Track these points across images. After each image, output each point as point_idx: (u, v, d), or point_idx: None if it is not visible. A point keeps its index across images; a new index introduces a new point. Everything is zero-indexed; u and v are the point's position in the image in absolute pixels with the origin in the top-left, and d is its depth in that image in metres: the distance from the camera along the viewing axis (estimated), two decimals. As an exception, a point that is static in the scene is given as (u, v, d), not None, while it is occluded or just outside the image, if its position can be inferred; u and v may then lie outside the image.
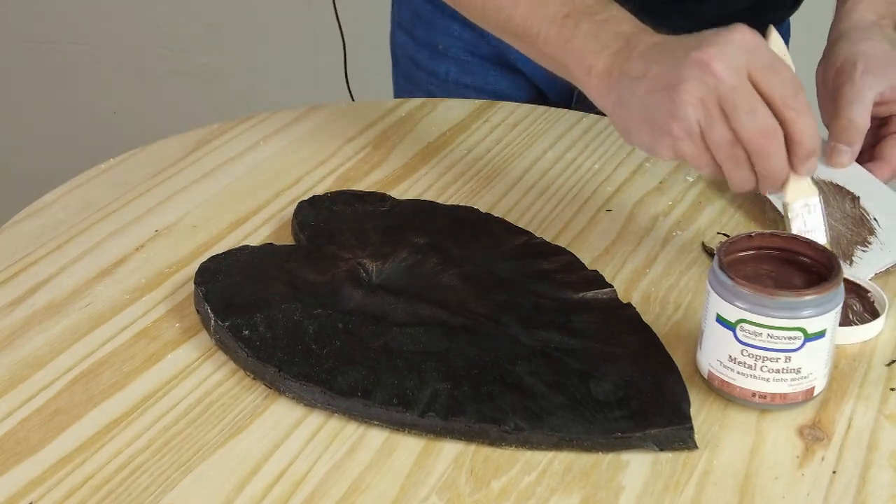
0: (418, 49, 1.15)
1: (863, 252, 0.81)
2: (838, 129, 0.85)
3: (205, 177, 0.94)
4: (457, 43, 1.12)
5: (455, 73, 1.13)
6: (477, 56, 1.12)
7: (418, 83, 1.17)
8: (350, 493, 0.63)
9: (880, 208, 0.84)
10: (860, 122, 0.84)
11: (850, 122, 0.84)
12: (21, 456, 0.65)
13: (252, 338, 0.71)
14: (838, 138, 0.85)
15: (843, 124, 0.85)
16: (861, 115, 0.84)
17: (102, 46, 2.17)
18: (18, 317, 0.77)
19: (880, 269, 0.80)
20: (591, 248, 0.84)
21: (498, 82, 1.12)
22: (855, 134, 0.84)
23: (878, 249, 0.81)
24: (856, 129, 0.84)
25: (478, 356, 0.70)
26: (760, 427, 0.67)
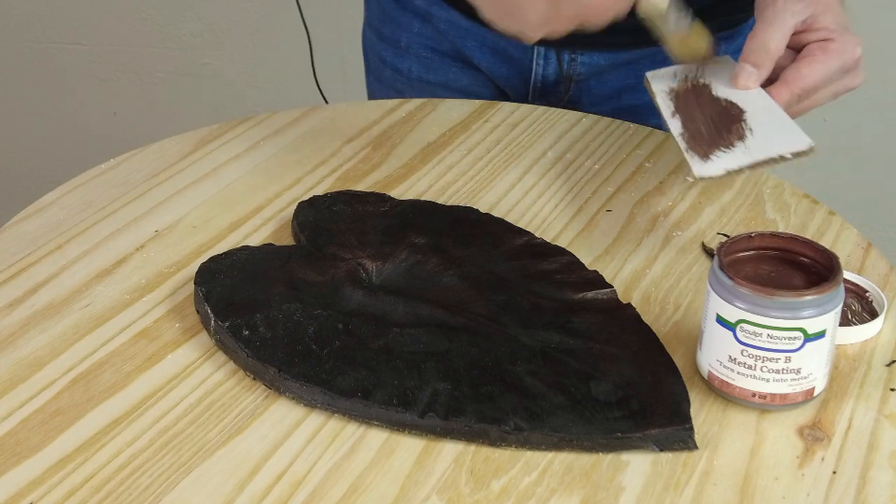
0: (384, 47, 1.15)
1: (722, 152, 0.79)
2: (749, 49, 0.82)
3: (205, 177, 0.94)
4: (417, 39, 1.12)
5: (418, 70, 1.13)
6: (437, 53, 1.11)
7: (385, 80, 1.17)
8: (350, 494, 0.63)
9: (759, 122, 0.81)
10: (772, 46, 0.81)
11: (762, 44, 0.81)
12: (21, 456, 0.65)
13: (252, 338, 0.71)
14: (747, 58, 0.82)
15: (755, 45, 0.82)
16: (775, 39, 0.81)
17: (102, 46, 2.17)
18: (18, 317, 0.77)
19: (731, 167, 0.77)
20: (591, 248, 0.84)
21: (459, 79, 1.12)
22: (764, 56, 0.81)
23: (739, 152, 0.78)
24: (766, 51, 0.81)
25: (478, 356, 0.70)
26: (760, 427, 0.67)
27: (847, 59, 0.81)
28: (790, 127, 0.79)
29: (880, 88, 1.84)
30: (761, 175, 0.93)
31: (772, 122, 0.80)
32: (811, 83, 0.81)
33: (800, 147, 0.77)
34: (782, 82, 0.81)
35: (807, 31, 0.82)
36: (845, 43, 0.81)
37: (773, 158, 0.77)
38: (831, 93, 0.83)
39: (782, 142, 0.78)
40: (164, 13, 2.11)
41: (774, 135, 0.79)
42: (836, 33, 0.81)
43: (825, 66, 0.80)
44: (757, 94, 0.82)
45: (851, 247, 0.84)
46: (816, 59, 0.80)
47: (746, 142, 0.79)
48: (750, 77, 0.82)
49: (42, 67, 2.22)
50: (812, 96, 0.82)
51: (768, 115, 0.80)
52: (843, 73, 0.82)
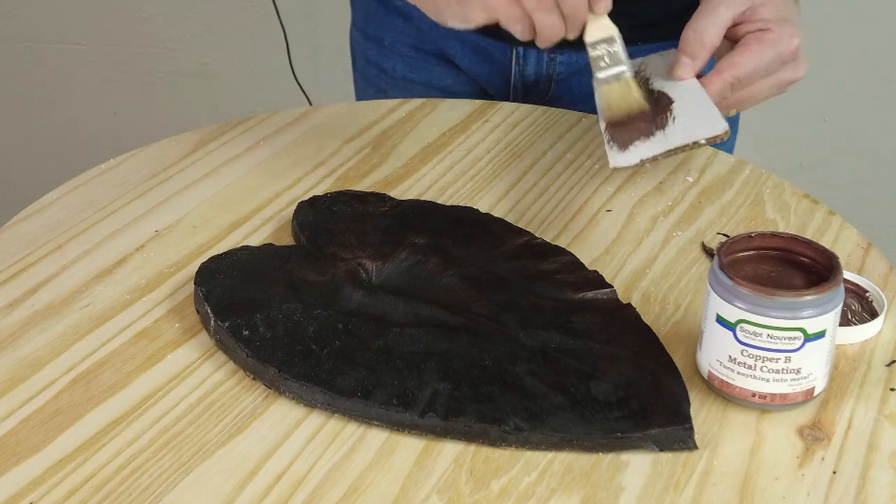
0: (369, 46, 1.15)
1: (641, 142, 0.79)
2: (685, 40, 0.82)
3: (205, 177, 0.94)
4: (401, 38, 1.12)
5: (402, 69, 1.13)
6: (421, 52, 1.11)
7: (371, 80, 1.17)
8: (350, 494, 0.63)
9: (683, 111, 0.81)
10: (706, 38, 0.81)
11: (697, 36, 0.81)
12: (21, 456, 0.65)
13: (252, 338, 0.71)
14: (683, 49, 0.82)
15: (690, 36, 0.82)
16: (710, 30, 0.81)
17: (102, 46, 2.17)
18: (18, 317, 0.77)
19: (647, 156, 0.78)
20: (591, 248, 0.84)
21: (443, 78, 1.12)
22: (699, 48, 0.81)
23: (657, 140, 0.79)
24: (701, 43, 0.81)
25: (478, 356, 0.70)
26: (760, 427, 0.67)
27: (783, 50, 0.80)
28: (710, 113, 0.79)
29: (880, 88, 1.84)
30: (761, 175, 0.93)
31: (693, 110, 0.80)
32: (744, 72, 0.80)
33: (713, 132, 0.77)
34: (715, 71, 0.81)
35: (745, 22, 0.81)
36: (782, 33, 0.80)
37: (688, 145, 0.78)
38: (771, 84, 0.82)
39: (697, 128, 0.78)
40: (164, 13, 2.11)
41: (692, 122, 0.79)
42: (773, 24, 0.80)
43: (759, 55, 0.80)
44: (689, 85, 0.82)
45: (851, 247, 0.84)
46: (750, 48, 0.80)
47: (666, 130, 0.79)
48: (685, 68, 0.82)
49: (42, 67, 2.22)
50: (748, 87, 0.81)
51: (693, 103, 0.81)
52: (781, 64, 0.81)
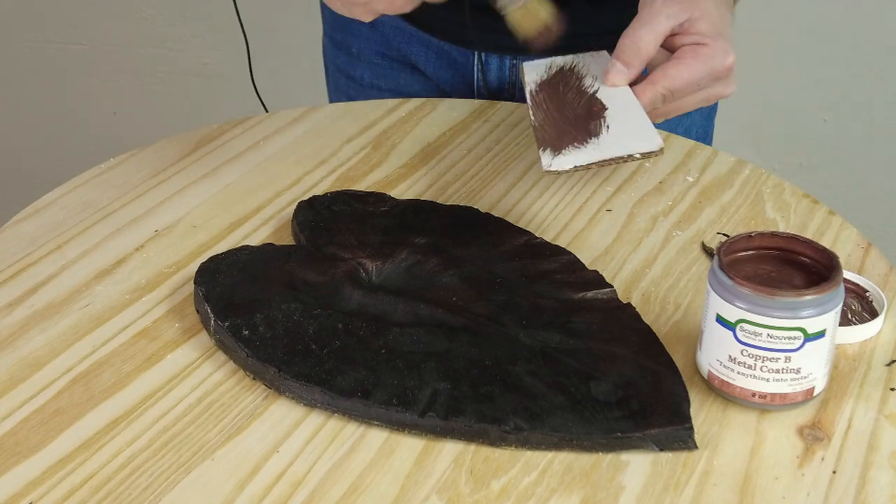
0: (338, 54, 1.16)
1: (574, 148, 0.79)
2: (621, 47, 0.82)
3: (205, 177, 0.94)
4: (368, 45, 1.12)
5: (369, 77, 1.13)
6: (387, 59, 1.12)
7: (341, 88, 1.17)
8: (350, 493, 0.63)
9: (617, 120, 0.81)
10: (643, 46, 0.81)
11: (633, 44, 0.81)
12: (21, 456, 0.65)
13: (252, 338, 0.71)
14: (618, 56, 0.82)
15: (626, 44, 0.82)
16: (646, 39, 0.81)
17: (102, 46, 2.17)
18: (18, 317, 0.77)
19: (580, 163, 0.78)
20: (591, 248, 0.84)
21: (410, 85, 1.12)
22: (634, 56, 0.81)
23: (591, 148, 0.79)
24: (636, 51, 0.81)
25: (478, 356, 0.70)
26: (760, 427, 0.67)
27: (717, 66, 0.81)
28: (645, 127, 0.79)
29: (880, 88, 1.84)
30: (761, 175, 0.93)
31: (628, 121, 0.80)
32: (676, 85, 0.80)
33: (649, 148, 0.78)
34: (648, 81, 0.81)
35: (682, 34, 0.81)
36: (717, 49, 0.81)
37: (622, 157, 0.78)
38: (700, 98, 0.83)
39: (633, 141, 0.78)
40: (164, 13, 2.11)
41: (628, 134, 0.79)
42: (709, 39, 0.81)
43: (692, 69, 0.80)
44: (622, 92, 0.82)
45: (851, 247, 0.84)
46: (685, 62, 0.80)
47: (600, 138, 0.79)
48: (619, 75, 0.82)
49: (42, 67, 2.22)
50: (679, 99, 0.82)
51: (627, 113, 0.81)
52: (713, 80, 0.82)
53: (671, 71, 0.80)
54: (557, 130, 0.81)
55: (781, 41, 1.85)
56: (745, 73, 1.95)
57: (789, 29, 1.84)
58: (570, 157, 0.78)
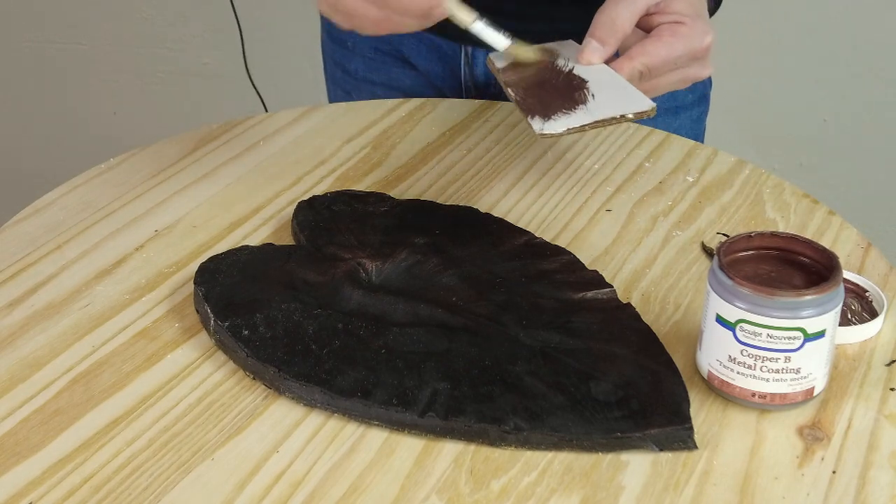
0: (335, 48, 1.16)
1: (563, 114, 0.78)
2: (596, 24, 0.81)
3: (205, 177, 0.94)
4: (362, 39, 1.12)
5: (363, 71, 1.14)
6: (380, 52, 1.12)
7: (338, 82, 1.17)
8: (350, 493, 0.63)
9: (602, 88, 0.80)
10: (619, 24, 0.80)
11: (610, 21, 0.81)
12: (21, 456, 0.65)
13: (252, 338, 0.71)
14: (593, 33, 0.81)
15: (602, 20, 0.81)
16: (623, 17, 0.80)
17: (102, 46, 2.17)
18: (18, 317, 0.77)
19: (573, 125, 0.77)
20: (591, 248, 0.84)
21: (402, 79, 1.12)
22: (610, 34, 0.81)
23: (581, 112, 0.78)
24: (613, 29, 0.80)
25: (478, 356, 0.70)
26: (760, 427, 0.67)
27: (695, 45, 0.80)
28: (631, 91, 0.79)
29: (880, 88, 1.84)
30: (761, 175, 0.93)
31: (614, 88, 0.80)
32: (654, 61, 0.80)
33: (641, 107, 0.77)
34: (626, 56, 0.80)
35: (659, 13, 0.81)
36: (695, 29, 0.80)
37: (615, 117, 0.77)
38: (677, 78, 0.82)
39: (624, 103, 0.78)
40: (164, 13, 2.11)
41: (616, 97, 0.79)
42: (688, 18, 0.80)
43: (671, 47, 0.80)
44: (599, 68, 0.82)
45: (851, 247, 0.84)
46: (663, 39, 0.80)
47: (588, 104, 0.79)
48: (594, 53, 0.81)
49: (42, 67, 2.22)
50: (656, 77, 0.81)
51: (610, 82, 0.80)
52: (691, 60, 0.81)
53: (649, 47, 0.80)
54: (542, 101, 0.80)
55: (781, 41, 1.85)
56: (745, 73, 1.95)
57: (789, 29, 1.84)
58: (561, 121, 0.78)
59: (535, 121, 0.78)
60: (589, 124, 0.77)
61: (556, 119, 0.78)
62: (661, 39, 0.80)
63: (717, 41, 0.84)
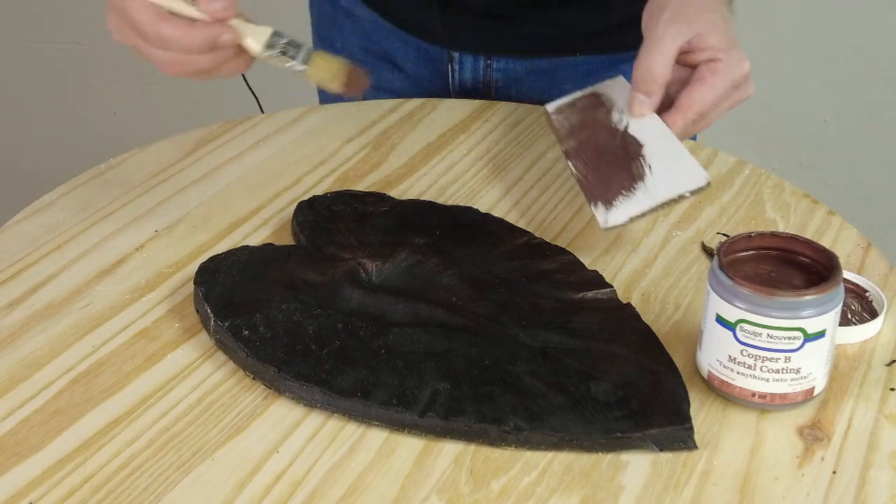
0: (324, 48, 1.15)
1: (624, 197, 0.80)
2: (637, 78, 0.82)
3: (205, 177, 0.94)
4: (350, 40, 1.12)
5: None
6: (369, 54, 1.12)
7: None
8: (350, 493, 0.63)
9: (658, 159, 0.82)
10: (657, 72, 0.81)
11: (648, 72, 0.82)
12: (21, 456, 0.65)
13: (252, 338, 0.71)
14: (637, 87, 0.83)
15: (641, 74, 0.82)
16: (659, 64, 0.81)
17: (102, 46, 2.17)
18: (18, 317, 0.77)
19: (635, 213, 0.79)
20: (591, 248, 0.84)
21: (390, 81, 1.12)
22: (652, 84, 0.82)
23: (640, 194, 0.80)
24: (653, 78, 0.82)
25: (478, 356, 0.70)
26: (760, 427, 0.67)
27: (736, 76, 0.82)
28: (687, 162, 0.81)
29: (880, 88, 1.84)
30: (761, 175, 0.93)
31: (668, 157, 0.81)
32: (704, 107, 0.81)
33: (698, 184, 0.79)
34: (676, 109, 0.82)
35: (694, 50, 0.82)
36: (732, 61, 0.81)
37: (674, 199, 0.79)
38: (726, 107, 0.83)
39: (681, 180, 0.80)
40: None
41: (673, 172, 0.80)
42: (722, 52, 0.81)
43: (715, 87, 0.81)
44: (651, 122, 0.83)
45: (851, 247, 0.84)
46: (706, 81, 0.81)
47: (646, 182, 0.80)
48: (643, 106, 0.83)
49: (42, 67, 2.22)
50: (707, 117, 0.83)
51: (664, 148, 0.82)
52: (734, 90, 0.82)
53: (696, 95, 0.81)
54: (601, 179, 0.82)
55: (782, 41, 1.85)
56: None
57: (789, 29, 1.84)
58: (622, 208, 0.80)
59: (599, 211, 0.80)
60: (650, 210, 0.79)
61: (618, 205, 0.80)
62: (704, 83, 0.81)
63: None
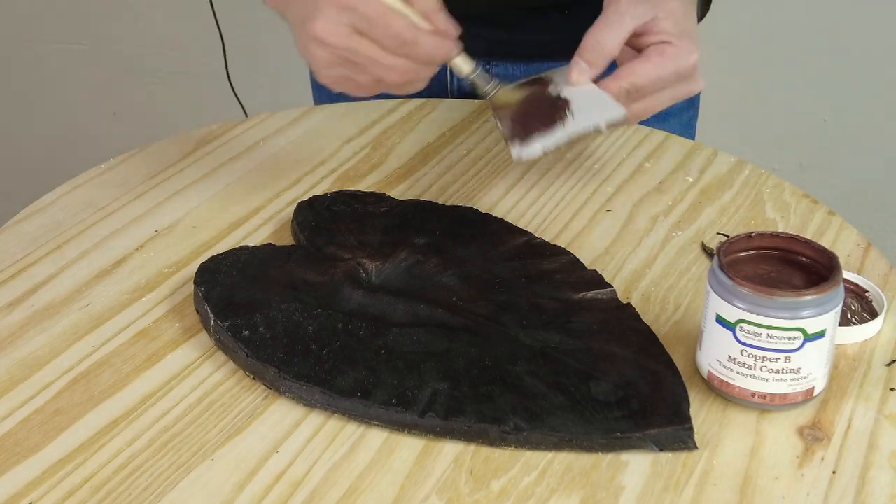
0: None
1: (540, 133, 0.81)
2: (585, 46, 0.82)
3: (205, 177, 0.94)
4: None
5: None
6: None
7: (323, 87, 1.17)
8: (350, 494, 0.63)
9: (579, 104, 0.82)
10: (607, 46, 0.82)
11: (598, 44, 0.82)
12: (21, 456, 0.65)
13: (252, 338, 0.71)
14: (582, 55, 0.82)
15: (591, 43, 0.82)
16: (611, 39, 0.82)
17: (102, 46, 2.17)
18: (18, 317, 0.77)
19: (549, 145, 0.80)
20: (591, 248, 0.84)
21: None
22: (597, 55, 0.82)
23: (558, 131, 0.81)
24: (601, 51, 0.82)
25: (477, 356, 0.70)
26: (760, 427, 0.67)
27: (682, 65, 0.82)
28: (607, 102, 0.81)
29: (880, 88, 1.84)
30: (761, 175, 0.93)
31: (590, 101, 0.81)
32: (642, 81, 0.81)
33: (613, 116, 0.79)
34: (613, 76, 0.82)
35: (647, 33, 0.82)
36: (682, 48, 0.82)
37: (589, 131, 0.80)
38: (668, 97, 0.83)
39: (597, 114, 0.80)
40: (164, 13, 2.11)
41: (591, 111, 0.81)
42: (675, 38, 0.82)
43: (658, 68, 0.81)
44: (587, 89, 0.83)
45: (851, 247, 0.84)
46: (651, 59, 0.81)
47: (566, 122, 0.81)
48: (582, 73, 0.83)
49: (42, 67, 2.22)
50: (646, 98, 0.82)
51: (589, 96, 0.82)
52: (679, 78, 0.82)
53: (637, 68, 0.81)
54: (524, 125, 0.82)
55: (781, 41, 1.85)
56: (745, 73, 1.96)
57: (789, 29, 1.84)
58: (538, 143, 0.80)
59: (514, 147, 0.81)
60: (564, 141, 0.80)
61: (533, 142, 0.81)
62: (648, 60, 0.81)
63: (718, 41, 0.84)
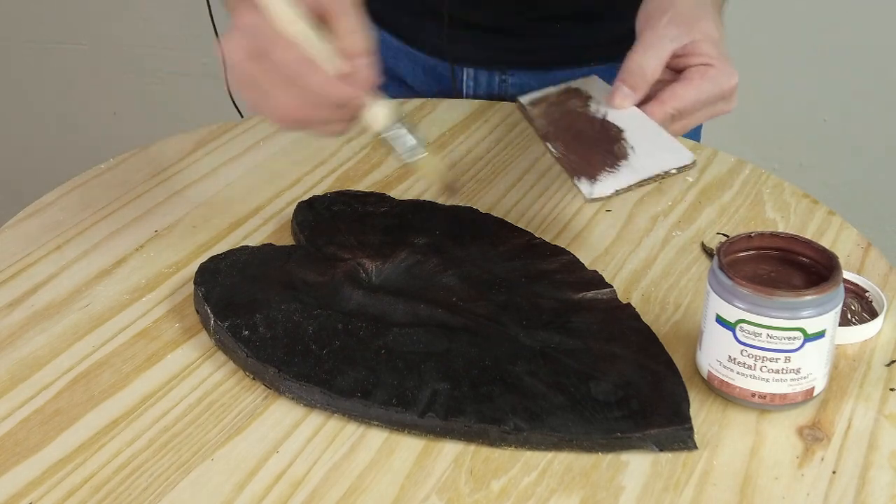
0: None
1: (608, 173, 0.80)
2: (626, 70, 0.83)
3: (205, 177, 0.94)
4: None
5: None
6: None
7: None
8: (350, 494, 0.63)
9: (640, 140, 0.82)
10: (648, 70, 0.82)
11: (639, 68, 0.82)
12: (21, 456, 0.65)
13: (251, 338, 0.71)
14: (624, 80, 0.83)
15: (632, 68, 0.82)
16: (651, 63, 0.82)
17: (102, 46, 2.17)
18: (18, 317, 0.77)
19: (620, 186, 0.79)
20: (591, 248, 0.84)
21: (396, 95, 1.12)
22: (640, 80, 0.82)
23: (626, 170, 0.80)
24: (642, 75, 0.82)
25: (477, 356, 0.70)
26: (760, 427, 0.67)
27: (724, 87, 0.82)
28: (671, 143, 0.81)
29: (880, 88, 1.84)
30: (761, 175, 0.93)
31: (652, 139, 0.81)
32: (685, 104, 0.82)
33: (682, 161, 0.79)
34: (657, 101, 0.82)
35: (687, 55, 0.83)
36: (723, 71, 0.82)
37: (659, 175, 0.79)
38: (705, 115, 0.84)
39: (666, 158, 0.80)
40: (164, 13, 2.11)
41: (657, 151, 0.80)
42: (716, 60, 0.82)
43: (700, 90, 0.82)
44: (631, 113, 0.83)
45: (851, 247, 0.84)
46: (693, 82, 0.81)
47: (630, 160, 0.80)
48: (625, 99, 0.83)
49: (42, 67, 2.22)
50: (686, 118, 0.83)
51: (647, 132, 0.82)
52: (719, 100, 0.83)
53: (680, 91, 0.81)
54: (583, 158, 0.81)
55: (782, 41, 1.85)
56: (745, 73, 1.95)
57: (789, 29, 1.84)
58: (608, 182, 0.79)
59: (583, 184, 0.79)
60: (635, 184, 0.79)
61: (602, 180, 0.79)
62: (691, 83, 0.81)
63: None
